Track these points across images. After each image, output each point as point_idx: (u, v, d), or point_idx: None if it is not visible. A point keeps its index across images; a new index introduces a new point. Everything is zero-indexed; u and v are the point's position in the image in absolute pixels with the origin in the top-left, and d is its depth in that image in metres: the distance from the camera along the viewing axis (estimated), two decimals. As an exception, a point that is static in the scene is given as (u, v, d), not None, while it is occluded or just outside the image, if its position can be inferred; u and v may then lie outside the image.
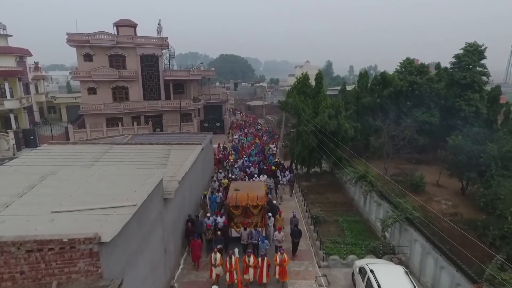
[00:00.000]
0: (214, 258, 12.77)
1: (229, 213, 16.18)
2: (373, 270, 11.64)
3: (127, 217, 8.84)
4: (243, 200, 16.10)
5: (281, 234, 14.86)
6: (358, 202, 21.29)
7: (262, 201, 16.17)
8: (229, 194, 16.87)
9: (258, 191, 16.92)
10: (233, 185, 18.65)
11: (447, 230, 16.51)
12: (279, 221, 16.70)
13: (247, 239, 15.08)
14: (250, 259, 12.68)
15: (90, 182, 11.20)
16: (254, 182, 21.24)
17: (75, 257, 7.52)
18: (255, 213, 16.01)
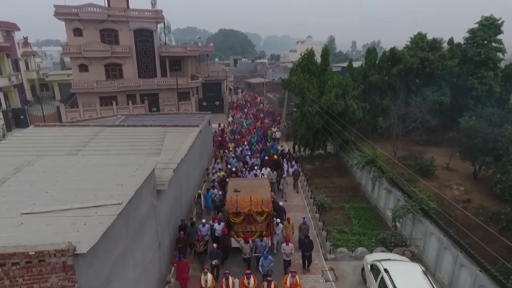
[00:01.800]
0: (205, 280, 10.60)
1: (228, 220, 13.61)
2: (387, 269, 10.59)
3: (110, 219, 7.60)
4: (245, 206, 13.41)
5: (290, 247, 12.57)
6: (365, 187, 20.16)
7: (268, 206, 13.49)
8: (227, 197, 14.07)
9: (262, 193, 14.14)
10: (232, 184, 15.60)
11: (461, 219, 15.48)
12: (288, 229, 14.29)
13: (249, 253, 12.74)
14: (250, 281, 10.45)
15: (71, 175, 9.90)
16: (257, 180, 17.80)
17: (46, 271, 6.33)
18: (259, 220, 13.39)
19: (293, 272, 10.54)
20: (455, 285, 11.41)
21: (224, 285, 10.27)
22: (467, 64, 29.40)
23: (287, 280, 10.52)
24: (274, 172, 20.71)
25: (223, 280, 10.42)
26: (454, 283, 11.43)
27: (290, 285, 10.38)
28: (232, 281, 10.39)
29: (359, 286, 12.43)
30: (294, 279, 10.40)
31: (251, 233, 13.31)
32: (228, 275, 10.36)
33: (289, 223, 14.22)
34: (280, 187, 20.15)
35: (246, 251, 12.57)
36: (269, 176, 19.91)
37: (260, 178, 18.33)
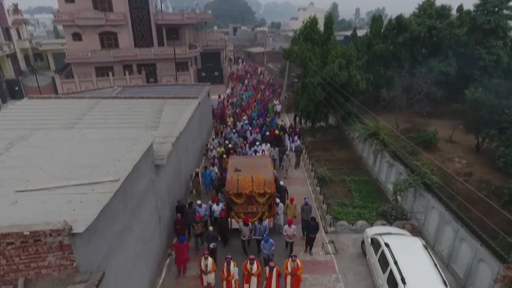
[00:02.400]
0: (205, 264, 10.11)
1: (228, 201, 12.97)
2: (388, 244, 10.57)
3: (107, 197, 7.39)
4: (247, 186, 12.72)
5: (292, 229, 11.96)
6: (366, 160, 19.98)
7: (270, 187, 12.76)
8: (228, 177, 13.28)
9: (264, 173, 13.41)
10: (232, 162, 14.82)
11: (462, 192, 15.40)
12: (290, 209, 13.53)
13: (249, 235, 12.24)
14: (253, 266, 9.84)
15: (66, 150, 9.61)
16: (258, 158, 16.79)
17: (43, 251, 6.20)
18: (261, 202, 12.78)
19: (293, 256, 10.06)
20: (454, 258, 11.48)
21: (225, 270, 9.80)
22: (475, 33, 28.22)
23: (288, 265, 10.05)
24: (275, 148, 19.96)
25: (224, 264, 9.89)
26: (454, 256, 11.50)
27: (291, 269, 9.94)
28: (234, 266, 9.91)
29: (359, 259, 12.54)
30: (295, 263, 9.95)
31: (252, 214, 12.80)
32: (230, 260, 9.84)
33: (292, 203, 13.50)
34: (282, 164, 19.37)
35: (245, 233, 12.11)
36: (270, 153, 19.31)
37: (262, 156, 17.49)
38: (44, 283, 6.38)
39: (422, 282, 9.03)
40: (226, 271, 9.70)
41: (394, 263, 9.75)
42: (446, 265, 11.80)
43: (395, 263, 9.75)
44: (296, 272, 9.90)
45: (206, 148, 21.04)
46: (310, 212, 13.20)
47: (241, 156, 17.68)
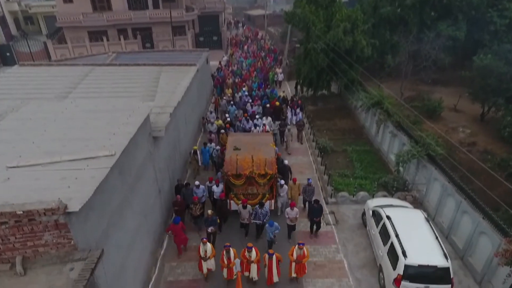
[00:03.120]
0: (204, 250, 9.61)
1: (227, 182, 12.24)
2: (390, 216, 10.52)
3: (103, 172, 7.12)
4: (247, 167, 11.99)
5: (294, 211, 11.31)
6: (369, 130, 19.62)
7: (272, 168, 12.04)
8: (226, 157, 12.55)
9: (265, 152, 12.69)
10: (231, 140, 13.89)
11: (465, 163, 15.21)
12: (294, 190, 12.76)
13: (248, 218, 11.67)
14: (252, 254, 9.40)
15: (59, 123, 9.22)
16: (259, 135, 15.70)
17: (38, 230, 6.03)
18: (261, 183, 12.09)
19: (300, 244, 9.46)
20: (455, 230, 11.51)
21: (225, 257, 9.36)
22: (489, -6, 26.65)
23: (294, 252, 9.52)
24: (276, 122, 18.95)
25: (223, 252, 9.39)
26: (454, 228, 11.52)
27: (297, 257, 9.45)
28: (233, 253, 9.43)
29: (359, 230, 12.60)
30: (301, 251, 9.41)
31: (252, 196, 12.22)
32: (229, 248, 9.32)
33: (295, 183, 12.78)
34: (284, 139, 18.29)
35: (244, 216, 11.57)
36: (271, 127, 18.49)
37: (263, 134, 16.18)
38: (42, 261, 6.29)
39: (423, 255, 9.05)
40: (227, 259, 9.29)
41: (395, 236, 9.73)
42: (445, 236, 11.87)
43: (396, 236, 9.73)
44: (301, 260, 9.46)
45: (203, 122, 19.95)
46: (312, 193, 12.71)
47: (241, 134, 16.43)
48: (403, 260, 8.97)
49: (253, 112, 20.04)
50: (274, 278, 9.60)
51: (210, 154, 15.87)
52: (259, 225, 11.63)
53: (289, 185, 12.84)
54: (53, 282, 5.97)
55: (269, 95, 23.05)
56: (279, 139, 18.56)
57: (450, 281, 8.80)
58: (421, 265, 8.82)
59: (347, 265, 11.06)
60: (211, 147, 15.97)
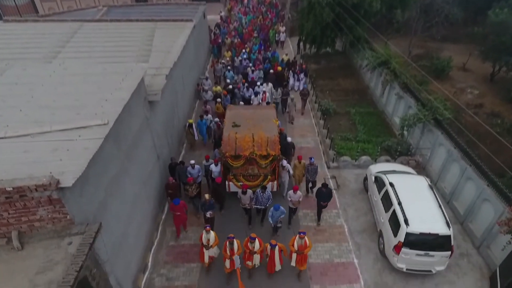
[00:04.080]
0: (206, 239, 8.92)
1: (225, 164, 11.23)
2: (393, 183, 10.35)
3: (96, 143, 6.75)
4: (247, 147, 10.92)
5: (297, 195, 10.39)
6: (374, 90, 18.92)
7: (274, 148, 10.91)
8: (224, 135, 11.30)
9: (267, 129, 11.47)
10: (229, 115, 12.53)
11: (471, 126, 14.82)
12: (298, 169, 11.82)
13: (249, 203, 10.81)
14: (255, 245, 8.77)
15: (47, 88, 8.65)
16: (261, 109, 13.85)
17: (31, 205, 5.80)
18: (263, 165, 11.05)
19: (301, 233, 8.73)
20: (457, 196, 11.44)
21: (228, 249, 8.70)
22: None
23: (295, 242, 8.84)
24: (278, 90, 17.37)
25: (226, 243, 8.70)
26: (456, 194, 11.43)
27: (298, 247, 8.77)
28: (237, 245, 8.73)
29: (360, 194, 12.56)
30: (303, 241, 8.73)
31: (253, 177, 11.28)
32: (232, 240, 8.60)
33: (300, 162, 11.76)
34: (287, 110, 17.04)
35: (245, 202, 10.68)
36: (272, 95, 17.19)
37: (265, 107, 14.37)
38: (39, 235, 6.15)
39: (425, 223, 8.99)
40: (230, 250, 8.67)
41: (397, 204, 9.63)
42: (447, 201, 11.83)
43: (399, 203, 9.63)
44: (303, 250, 8.78)
45: (198, 88, 18.09)
46: (315, 172, 11.83)
47: (240, 106, 14.57)
48: (404, 228, 8.94)
49: (252, 79, 18.36)
50: (276, 267, 9.19)
51: (207, 126, 14.64)
52: (262, 210, 10.90)
53: (294, 164, 12.02)
54: (51, 256, 5.87)
55: (270, 58, 21.30)
56: (281, 109, 17.48)
57: (450, 248, 8.85)
58: (422, 233, 8.80)
59: (347, 229, 11.14)
60: (207, 119, 14.67)
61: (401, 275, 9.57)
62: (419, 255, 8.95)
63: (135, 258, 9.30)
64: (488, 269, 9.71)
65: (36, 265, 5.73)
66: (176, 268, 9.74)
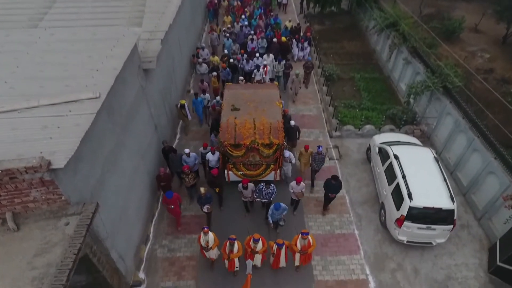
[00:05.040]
0: (205, 241, 8.28)
1: (224, 153, 10.29)
2: (398, 156, 10.08)
3: (88, 119, 6.34)
4: (247, 135, 9.95)
5: (300, 186, 9.63)
6: (380, 54, 18.06)
7: (278, 136, 9.98)
8: (222, 121, 10.35)
9: (270, 114, 10.51)
10: (228, 95, 11.49)
11: (480, 92, 14.28)
12: (304, 158, 10.89)
13: (251, 196, 10.03)
14: (258, 245, 8.19)
15: (33, 57, 8.04)
16: (262, 88, 12.31)
17: (23, 187, 5.55)
18: (265, 154, 10.16)
19: (304, 234, 8.06)
20: (461, 167, 11.24)
21: (228, 249, 8.16)
22: None
23: (298, 242, 8.23)
24: (280, 62, 15.51)
25: (226, 243, 8.14)
26: (461, 165, 11.23)
27: (302, 247, 8.21)
28: (238, 246, 8.17)
29: (362, 165, 12.37)
30: (306, 241, 8.16)
31: (254, 166, 10.41)
32: (234, 241, 8.00)
33: (307, 151, 10.83)
34: (290, 86, 15.18)
35: (246, 195, 9.91)
36: (274, 68, 15.61)
37: (267, 86, 12.73)
38: (35, 216, 5.98)
39: (429, 197, 8.87)
40: (229, 250, 8.17)
41: (402, 177, 9.44)
42: (450, 172, 11.67)
43: (403, 177, 9.44)
44: (306, 250, 8.26)
45: (194, 60, 16.03)
46: (322, 161, 10.88)
47: (240, 86, 12.80)
48: (408, 202, 8.82)
49: (252, 49, 16.59)
50: (281, 264, 8.70)
51: (203, 105, 13.34)
52: (264, 203, 10.09)
53: (300, 152, 11.10)
54: (49, 238, 5.74)
55: (273, 25, 19.38)
56: (283, 83, 15.94)
57: (452, 222, 8.81)
58: (426, 207, 8.70)
59: (348, 200, 11.09)
60: (205, 98, 13.36)
61: (401, 246, 9.65)
62: (421, 228, 8.93)
63: (136, 230, 9.31)
64: (488, 241, 9.78)
65: (33, 247, 5.62)
66: (177, 239, 9.81)
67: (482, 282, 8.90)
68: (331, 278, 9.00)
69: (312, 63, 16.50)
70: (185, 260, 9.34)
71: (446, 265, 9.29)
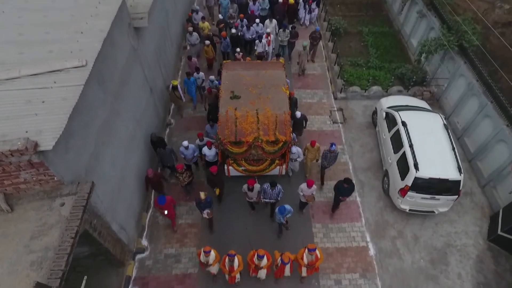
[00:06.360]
0: (205, 260, 7.51)
1: (224, 151, 9.13)
2: (406, 123, 9.63)
3: (76, 92, 5.82)
4: (250, 131, 8.76)
5: (311, 189, 8.57)
6: (391, 5, 16.65)
7: (285, 132, 8.80)
8: (221, 114, 9.09)
9: (276, 103, 9.24)
10: (226, 77, 10.10)
11: (496, 49, 13.37)
12: (311, 153, 9.72)
13: (257, 198, 8.96)
14: (262, 262, 7.47)
15: (9, 16, 7.21)
16: (265, 67, 10.61)
17: (11, 170, 5.21)
18: (270, 151, 8.97)
19: (311, 250, 7.24)
20: (470, 133, 10.85)
21: (228, 265, 7.47)
22: None
23: (304, 256, 7.48)
24: (285, 30, 13.27)
25: (225, 258, 7.41)
26: (470, 131, 10.82)
27: (308, 262, 7.47)
28: (238, 261, 7.46)
29: (367, 129, 11.97)
30: (313, 256, 7.41)
31: (257, 161, 9.34)
32: (233, 258, 7.26)
33: (314, 147, 9.60)
34: (297, 60, 13.44)
35: (251, 196, 8.91)
36: (278, 36, 13.69)
37: (271, 65, 10.89)
38: (28, 197, 5.74)
39: (436, 168, 8.61)
40: (229, 266, 7.50)
41: (409, 146, 9.10)
42: (458, 137, 11.32)
43: (410, 145, 9.09)
44: (313, 265, 7.54)
45: (188, 27, 13.40)
46: (334, 160, 9.77)
47: (239, 65, 10.99)
48: (413, 172, 8.59)
49: (251, 12, 14.32)
50: (285, 274, 7.98)
51: (196, 85, 11.83)
52: (272, 203, 9.14)
53: (306, 147, 9.82)
54: (45, 219, 5.55)
55: None
56: (288, 54, 14.29)
57: (457, 193, 8.66)
58: (432, 178, 8.49)
59: (351, 167, 10.88)
60: (198, 78, 11.80)
61: (402, 214, 9.64)
62: (425, 198, 8.81)
63: (136, 199, 9.20)
64: (490, 209, 9.75)
65: (29, 229, 5.45)
66: (179, 207, 9.73)
67: (480, 249, 9.03)
68: (331, 245, 9.10)
69: (320, 33, 14.20)
70: (187, 227, 9.37)
71: (446, 232, 9.36)
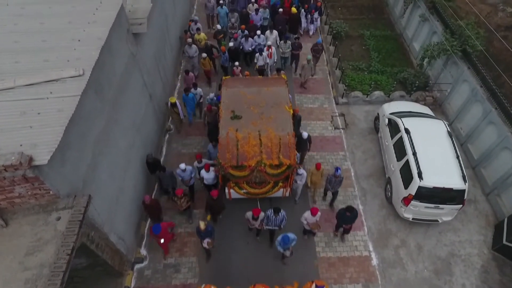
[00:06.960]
0: None
1: (225, 175, 8.61)
2: (409, 130, 9.48)
3: (73, 102, 5.67)
4: (252, 155, 8.27)
5: (315, 218, 8.15)
6: (393, 8, 16.50)
7: (289, 156, 8.33)
8: (221, 136, 8.63)
9: (279, 124, 8.79)
10: (226, 95, 9.62)
11: (499, 53, 13.23)
12: (315, 176, 9.25)
13: (260, 225, 8.50)
14: None
15: (5, 22, 7.05)
16: (267, 84, 10.07)
17: (5, 184, 5.05)
18: (274, 174, 8.45)
19: (319, 287, 6.82)
20: (474, 139, 10.70)
21: None
22: None
23: None
24: (287, 41, 12.76)
25: None
26: (474, 137, 10.66)
27: None
28: None
29: (369, 135, 11.82)
30: None
31: (260, 184, 8.84)
32: None
33: (318, 170, 9.11)
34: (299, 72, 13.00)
35: (254, 224, 8.51)
36: (280, 48, 13.08)
37: (273, 82, 10.29)
38: (23, 211, 5.57)
39: (440, 176, 8.46)
40: None
41: (412, 154, 8.95)
42: (461, 144, 11.16)
43: (413, 153, 8.94)
44: None
45: (186, 38, 12.88)
46: (340, 184, 9.22)
47: (240, 81, 10.55)
48: (417, 181, 8.44)
49: (251, 22, 13.70)
50: None
51: (196, 102, 11.32)
52: (274, 230, 8.66)
53: (310, 171, 9.36)
54: (40, 234, 5.39)
55: None
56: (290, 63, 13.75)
57: (462, 202, 8.51)
58: (436, 187, 8.34)
59: (353, 174, 10.73)
60: (196, 94, 11.21)
61: (405, 222, 9.49)
62: (429, 207, 8.66)
63: (135, 208, 9.02)
64: (495, 217, 9.61)
65: (24, 244, 5.29)
66: (179, 215, 9.58)
67: (485, 259, 8.88)
68: (334, 254, 8.95)
69: (323, 46, 13.93)
70: (186, 236, 9.21)
71: (450, 241, 9.21)
